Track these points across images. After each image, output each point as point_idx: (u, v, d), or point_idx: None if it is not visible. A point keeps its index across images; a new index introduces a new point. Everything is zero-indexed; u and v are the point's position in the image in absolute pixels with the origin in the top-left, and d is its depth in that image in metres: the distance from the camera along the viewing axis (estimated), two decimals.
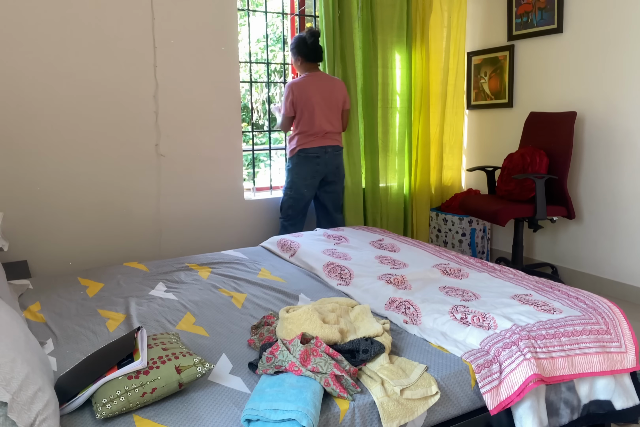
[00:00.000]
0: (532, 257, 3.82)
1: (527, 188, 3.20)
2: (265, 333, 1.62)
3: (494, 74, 3.92)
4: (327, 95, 3.24)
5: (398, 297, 1.91)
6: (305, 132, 3.22)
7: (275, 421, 1.21)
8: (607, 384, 1.67)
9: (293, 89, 3.18)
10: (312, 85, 3.20)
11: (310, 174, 3.27)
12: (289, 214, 3.35)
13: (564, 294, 1.91)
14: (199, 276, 2.33)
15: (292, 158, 3.29)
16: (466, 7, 4.08)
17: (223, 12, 3.26)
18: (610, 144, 3.23)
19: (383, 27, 3.74)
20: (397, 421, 1.34)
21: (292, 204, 3.32)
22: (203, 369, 1.34)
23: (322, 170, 3.29)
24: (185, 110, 3.24)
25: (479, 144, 4.16)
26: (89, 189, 3.03)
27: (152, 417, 1.25)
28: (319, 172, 3.29)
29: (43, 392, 1.16)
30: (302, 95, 3.18)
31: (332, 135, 3.30)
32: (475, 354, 1.54)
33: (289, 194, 3.32)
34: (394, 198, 3.96)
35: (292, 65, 3.45)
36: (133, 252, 3.19)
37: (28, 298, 2.05)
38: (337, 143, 3.33)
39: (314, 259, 2.42)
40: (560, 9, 3.39)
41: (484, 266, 2.29)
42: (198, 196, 3.36)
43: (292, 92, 3.18)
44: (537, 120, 3.46)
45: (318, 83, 3.22)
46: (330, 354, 1.41)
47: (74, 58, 2.89)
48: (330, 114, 3.26)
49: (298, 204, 3.32)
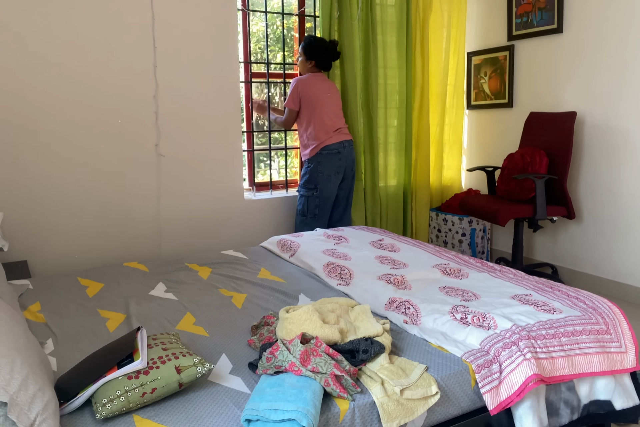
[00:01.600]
0: (532, 257, 3.82)
1: (527, 188, 3.20)
2: (265, 333, 1.62)
3: (494, 74, 3.92)
4: (332, 94, 3.38)
5: (398, 297, 1.91)
6: (321, 129, 3.29)
7: (275, 421, 1.21)
8: (607, 384, 1.67)
9: (299, 84, 3.28)
10: (318, 83, 3.31)
11: (334, 170, 3.34)
12: (316, 214, 3.38)
13: (564, 294, 1.91)
14: (199, 276, 2.33)
15: (313, 157, 3.33)
16: (466, 7, 4.08)
17: (223, 12, 3.26)
18: (610, 144, 3.23)
19: (383, 27, 3.75)
20: (397, 421, 1.34)
21: (319, 203, 3.35)
22: (203, 369, 1.34)
23: (344, 164, 3.38)
24: (185, 110, 3.24)
25: (479, 144, 4.16)
26: (89, 189, 3.03)
27: (152, 417, 1.25)
28: (341, 167, 3.37)
29: (43, 392, 1.16)
30: (308, 92, 3.27)
31: (344, 129, 3.41)
32: (475, 354, 1.54)
33: (314, 194, 3.34)
34: (394, 198, 3.96)
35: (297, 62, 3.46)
36: (133, 252, 3.19)
37: (28, 298, 2.05)
38: (350, 137, 3.43)
39: (314, 259, 2.42)
40: (560, 9, 3.39)
41: (484, 266, 2.29)
42: (198, 196, 3.36)
43: (297, 87, 3.28)
44: (537, 120, 3.46)
45: (322, 83, 3.34)
46: (330, 354, 1.41)
47: (74, 58, 2.89)
48: (337, 111, 3.39)
49: (325, 203, 3.37)
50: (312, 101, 3.28)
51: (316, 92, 3.28)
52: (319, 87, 3.30)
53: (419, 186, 4.02)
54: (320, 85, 3.31)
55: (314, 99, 3.27)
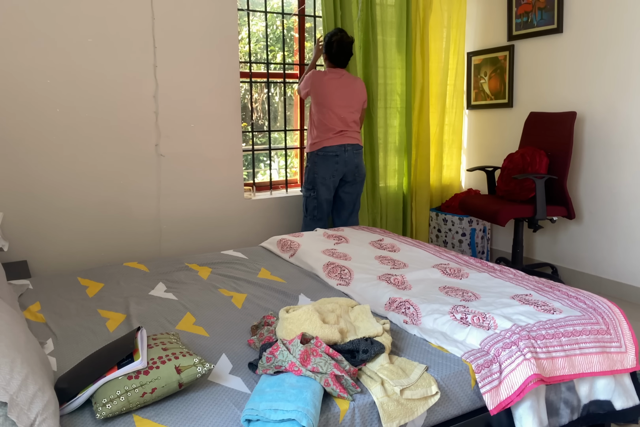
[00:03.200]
0: (532, 257, 3.82)
1: (527, 188, 3.20)
2: (265, 333, 1.62)
3: (494, 74, 3.92)
4: (348, 95, 3.25)
5: (398, 297, 1.91)
6: (323, 127, 3.22)
7: (275, 421, 1.21)
8: (607, 384, 1.67)
9: (312, 75, 3.23)
10: (332, 81, 3.21)
11: (329, 173, 3.26)
12: (315, 215, 3.35)
13: (564, 294, 1.91)
14: (199, 276, 2.33)
15: (311, 157, 3.29)
16: (466, 7, 4.08)
17: (223, 12, 3.26)
18: (610, 144, 3.23)
19: (383, 27, 3.75)
20: (397, 421, 1.34)
21: (317, 205, 3.32)
22: (203, 369, 1.34)
23: (342, 169, 3.28)
24: (185, 110, 3.24)
25: (478, 144, 4.16)
26: (89, 189, 3.03)
27: (152, 417, 1.25)
28: (338, 171, 3.27)
29: (43, 392, 1.16)
30: (316, 86, 3.20)
31: (351, 133, 3.29)
32: (475, 354, 1.54)
33: (312, 195, 3.32)
34: (394, 198, 3.96)
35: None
36: (133, 252, 3.20)
37: (28, 298, 2.05)
38: (356, 142, 3.31)
39: (314, 259, 2.42)
40: (560, 9, 3.39)
41: (484, 266, 2.29)
42: (198, 196, 3.36)
43: (311, 77, 3.23)
44: (537, 120, 3.46)
45: (339, 80, 3.24)
46: (330, 354, 1.41)
47: (74, 58, 2.89)
48: (349, 113, 3.26)
49: (323, 204, 3.33)
50: (318, 97, 3.21)
51: (326, 90, 3.19)
52: (330, 85, 3.20)
53: (419, 186, 4.02)
54: (332, 83, 3.20)
55: (321, 95, 3.20)
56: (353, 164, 3.31)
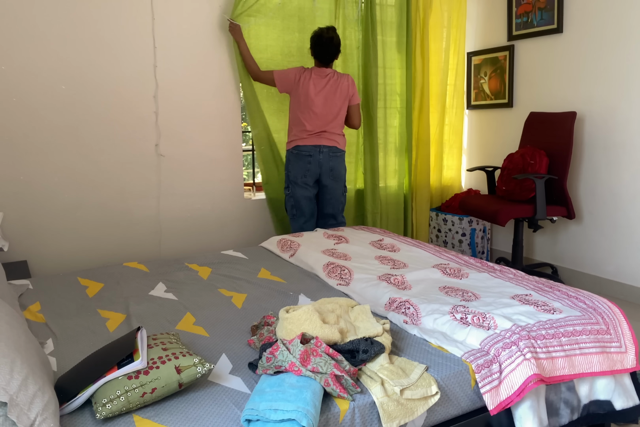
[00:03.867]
0: (532, 257, 3.82)
1: (527, 188, 3.20)
2: (265, 333, 1.62)
3: (494, 74, 3.92)
4: (331, 94, 3.15)
5: (398, 297, 1.91)
6: (300, 126, 3.14)
7: (275, 421, 1.21)
8: (607, 384, 1.67)
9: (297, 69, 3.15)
10: (312, 81, 3.13)
11: (301, 173, 3.18)
12: (294, 214, 3.28)
13: (564, 294, 1.91)
14: (199, 276, 2.33)
15: (287, 155, 3.24)
16: (466, 7, 4.07)
17: (223, 12, 3.25)
18: (610, 144, 3.23)
19: (383, 27, 3.74)
20: (397, 421, 1.34)
21: (294, 203, 3.25)
22: (203, 369, 1.34)
23: (314, 170, 3.18)
24: (185, 110, 3.24)
25: (479, 144, 4.16)
26: (89, 189, 3.03)
27: (152, 417, 1.25)
28: (310, 172, 3.18)
29: (43, 392, 1.16)
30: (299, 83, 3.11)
31: (330, 135, 3.17)
32: (475, 354, 1.54)
33: (288, 193, 3.27)
34: (394, 198, 3.96)
35: None
36: (133, 252, 3.19)
37: (28, 298, 2.05)
38: (334, 144, 3.19)
39: (314, 259, 2.42)
40: (560, 9, 3.39)
41: (484, 266, 2.29)
42: (198, 196, 3.36)
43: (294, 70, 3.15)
44: (537, 120, 3.46)
45: (320, 80, 3.14)
46: (330, 354, 1.41)
47: (74, 58, 2.89)
48: (329, 114, 3.16)
49: (299, 203, 3.24)
50: (300, 95, 3.12)
51: (306, 89, 3.10)
52: (311, 85, 3.11)
53: (419, 186, 4.02)
54: (313, 83, 3.12)
55: (303, 95, 3.11)
56: (327, 166, 3.19)
